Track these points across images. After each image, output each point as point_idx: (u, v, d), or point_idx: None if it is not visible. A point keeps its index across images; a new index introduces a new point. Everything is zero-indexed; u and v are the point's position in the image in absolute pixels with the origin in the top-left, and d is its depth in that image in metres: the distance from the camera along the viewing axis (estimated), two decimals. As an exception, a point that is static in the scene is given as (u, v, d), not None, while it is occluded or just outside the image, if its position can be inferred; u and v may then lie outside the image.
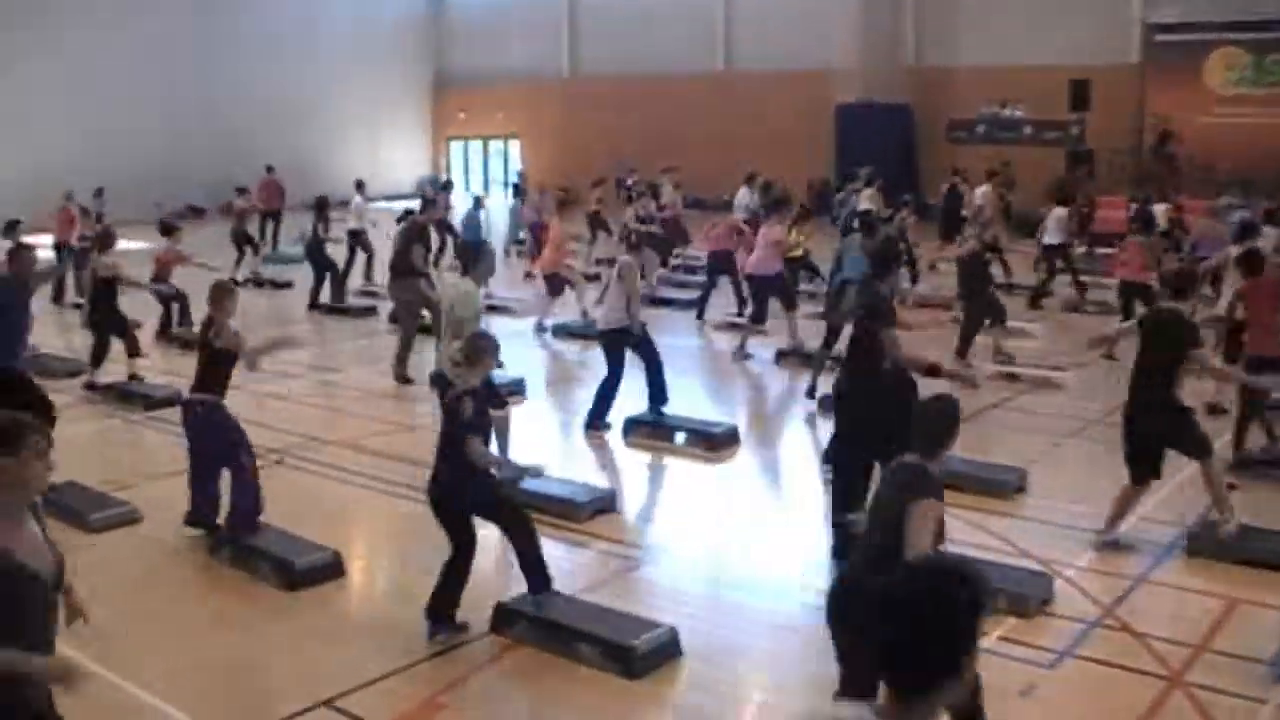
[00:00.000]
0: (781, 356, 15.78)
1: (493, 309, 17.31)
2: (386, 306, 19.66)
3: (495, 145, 46.35)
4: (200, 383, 8.87)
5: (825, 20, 35.02)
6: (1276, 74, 31.04)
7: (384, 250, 18.99)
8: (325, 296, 20.26)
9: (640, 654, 7.00)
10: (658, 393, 12.03)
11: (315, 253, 19.97)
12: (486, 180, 45.20)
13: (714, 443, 11.60)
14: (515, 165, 43.50)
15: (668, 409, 12.11)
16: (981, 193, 24.57)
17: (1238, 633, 7.80)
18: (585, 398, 12.63)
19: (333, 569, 8.50)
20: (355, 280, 21.91)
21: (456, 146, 47.53)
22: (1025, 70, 32.42)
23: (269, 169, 29.41)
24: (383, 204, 30.68)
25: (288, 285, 22.73)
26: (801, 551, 9.23)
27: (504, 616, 7.56)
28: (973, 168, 28.36)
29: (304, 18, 41.32)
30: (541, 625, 7.37)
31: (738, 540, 9.51)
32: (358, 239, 22.09)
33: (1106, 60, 32.28)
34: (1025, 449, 11.58)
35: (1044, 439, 12.12)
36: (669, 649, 7.19)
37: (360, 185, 23.77)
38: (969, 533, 9.25)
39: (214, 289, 8.99)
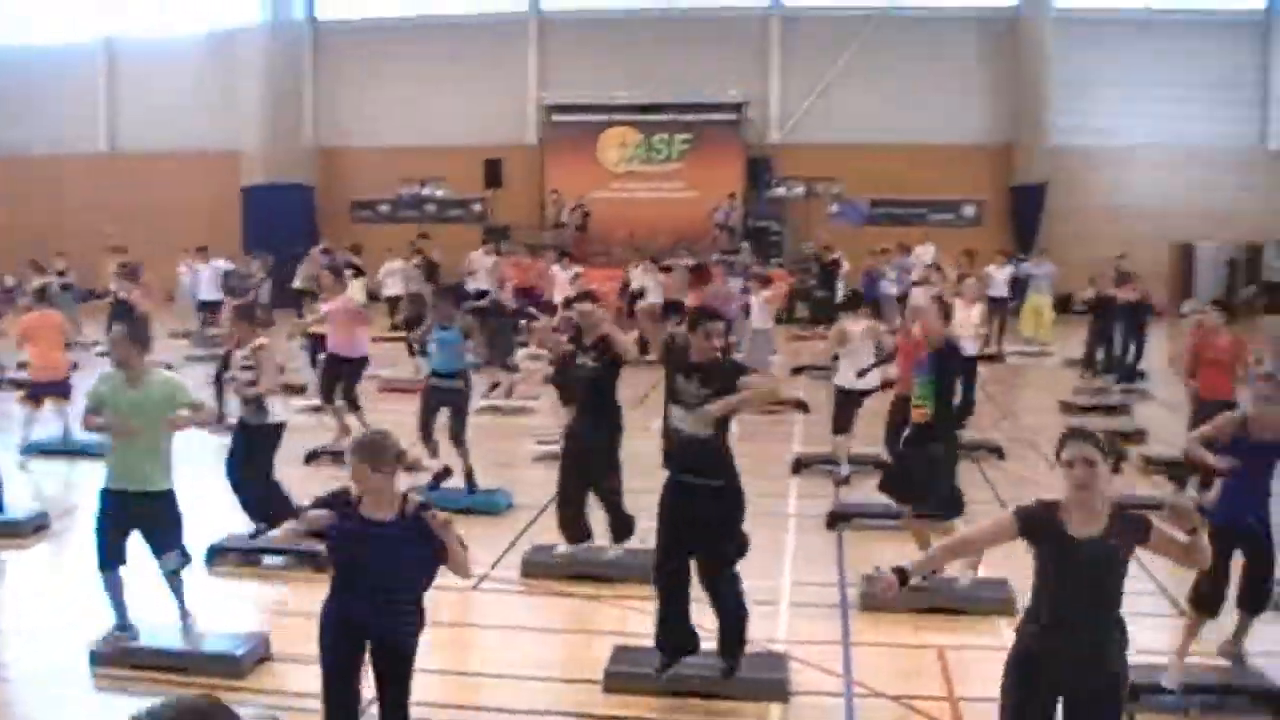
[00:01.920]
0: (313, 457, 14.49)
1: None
2: None
3: None
4: None
5: (229, 103, 33.61)
6: (664, 152, 33.59)
7: None
8: None
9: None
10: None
11: None
12: None
13: (319, 563, 10.29)
14: None
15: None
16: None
17: (971, 678, 8.01)
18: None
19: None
20: None
21: None
22: (443, 151, 32.92)
23: None
24: None
25: None
26: (472, 663, 8.43)
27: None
28: (380, 246, 28.47)
29: None
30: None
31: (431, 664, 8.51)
32: None
33: (513, 140, 33.58)
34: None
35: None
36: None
37: None
38: (642, 622, 8.90)
39: None
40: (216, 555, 10.30)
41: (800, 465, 14.13)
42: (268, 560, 10.29)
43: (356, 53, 34.91)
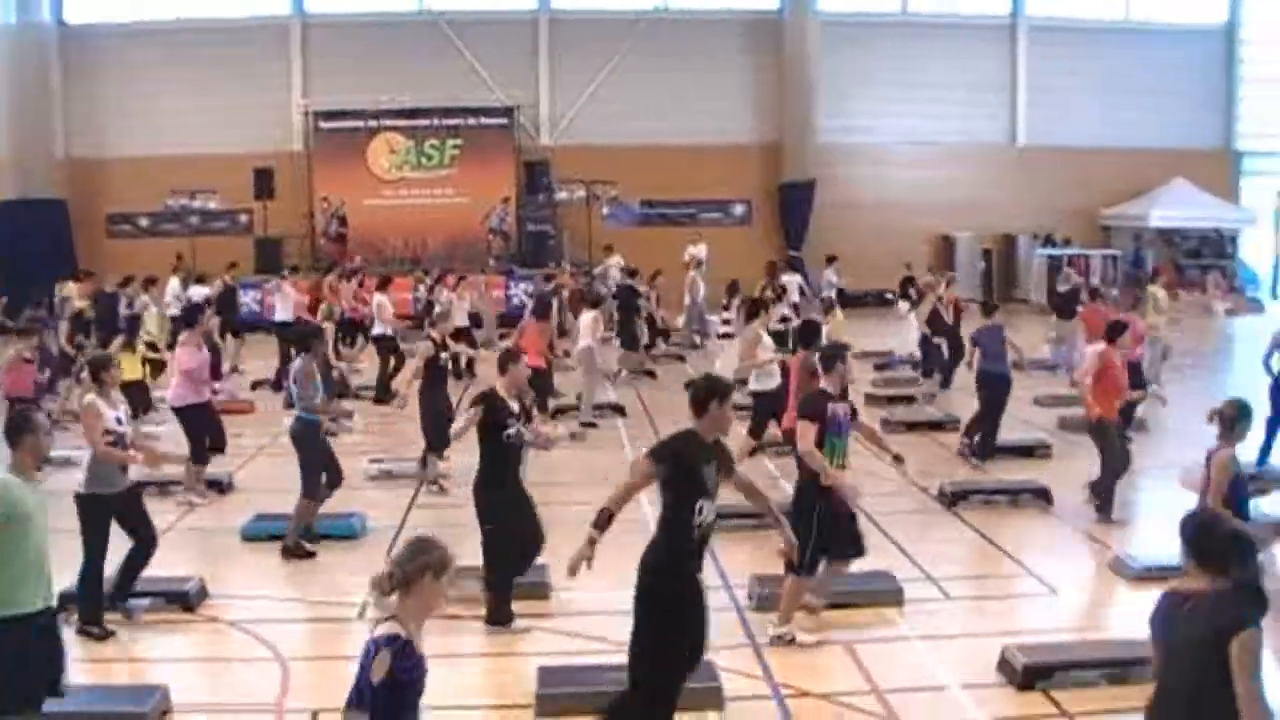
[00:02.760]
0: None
1: None
2: None
3: None
4: None
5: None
6: (435, 158, 33.17)
7: None
8: None
9: None
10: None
11: None
12: None
13: (189, 602, 9.73)
14: None
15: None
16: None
17: (885, 669, 8.23)
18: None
19: None
20: None
21: None
22: (206, 159, 31.42)
23: None
24: None
25: None
26: None
27: None
28: (139, 262, 27.16)
29: None
30: None
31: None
32: None
33: (279, 147, 32.59)
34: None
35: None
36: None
37: None
38: (553, 641, 8.93)
39: None
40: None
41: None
42: (132, 603, 9.57)
43: (109, 58, 32.88)
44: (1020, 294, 33.00)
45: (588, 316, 17.92)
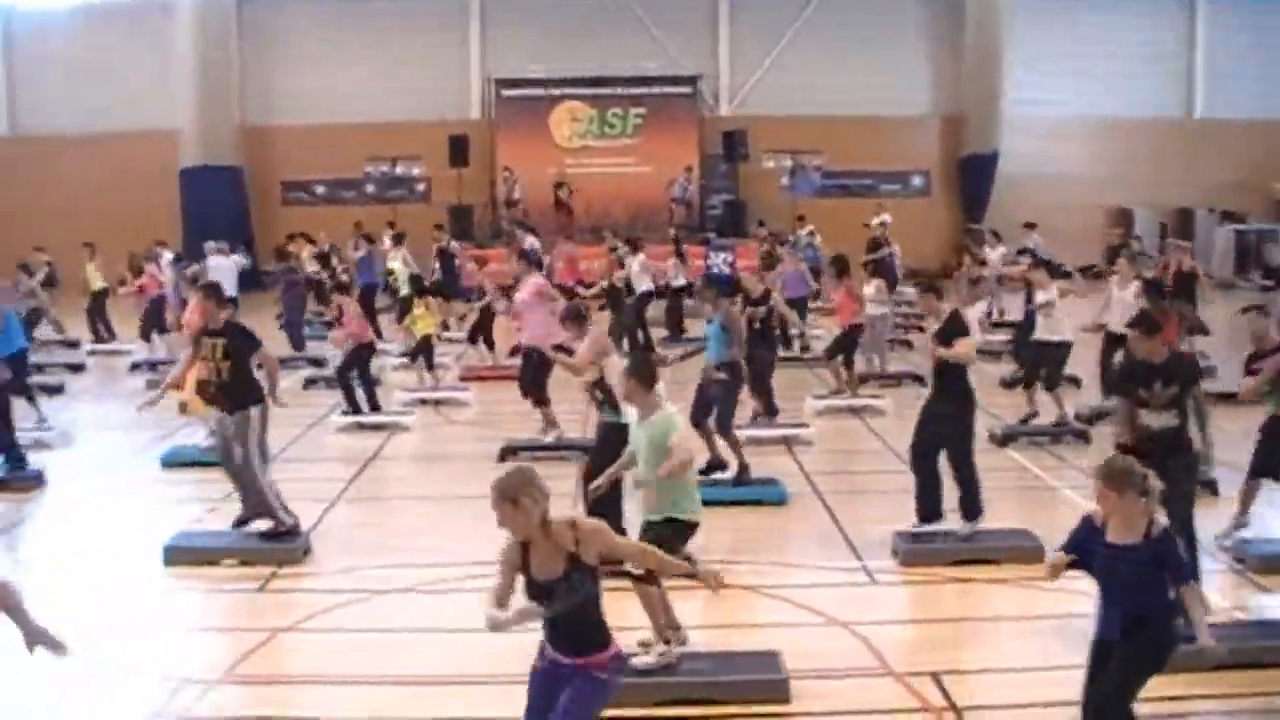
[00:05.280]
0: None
1: None
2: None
3: None
4: None
5: (157, 79, 31.71)
6: (618, 127, 33.41)
7: None
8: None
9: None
10: None
11: None
12: None
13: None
14: None
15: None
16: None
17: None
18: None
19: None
20: None
21: None
22: (385, 128, 31.85)
23: None
24: None
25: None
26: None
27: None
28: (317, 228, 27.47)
29: None
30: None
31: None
32: None
33: (458, 116, 32.99)
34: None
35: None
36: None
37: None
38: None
39: None
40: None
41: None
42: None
43: (286, 26, 33.29)
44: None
45: (874, 285, 18.15)
